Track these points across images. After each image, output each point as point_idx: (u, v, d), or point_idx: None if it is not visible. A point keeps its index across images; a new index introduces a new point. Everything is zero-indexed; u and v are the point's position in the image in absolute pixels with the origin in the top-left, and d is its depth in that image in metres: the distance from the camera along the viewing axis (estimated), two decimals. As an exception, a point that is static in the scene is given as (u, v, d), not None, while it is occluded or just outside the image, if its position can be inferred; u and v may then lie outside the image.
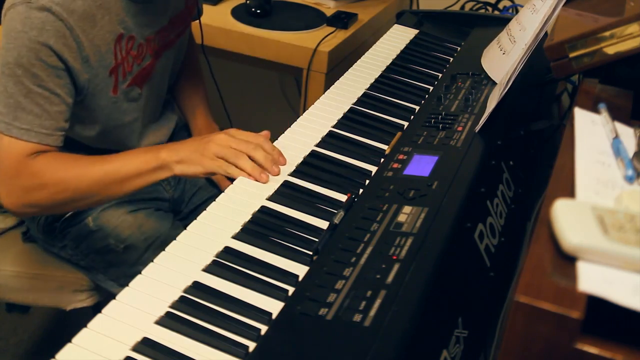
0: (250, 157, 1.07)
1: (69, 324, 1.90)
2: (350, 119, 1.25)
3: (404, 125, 1.24)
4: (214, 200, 1.01)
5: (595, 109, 0.82)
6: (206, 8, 1.84)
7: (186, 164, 1.08)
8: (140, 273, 0.87)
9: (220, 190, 1.38)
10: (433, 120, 1.20)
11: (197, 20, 1.47)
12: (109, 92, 1.18)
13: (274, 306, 0.83)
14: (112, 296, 0.83)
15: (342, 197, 1.03)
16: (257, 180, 1.05)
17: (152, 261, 0.89)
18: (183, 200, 1.44)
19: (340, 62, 1.74)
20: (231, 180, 1.07)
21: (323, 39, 1.70)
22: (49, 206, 1.13)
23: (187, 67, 1.51)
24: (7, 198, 1.11)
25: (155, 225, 1.30)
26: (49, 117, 1.07)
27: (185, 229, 0.95)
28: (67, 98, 1.09)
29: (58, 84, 1.07)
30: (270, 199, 1.02)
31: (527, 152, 1.24)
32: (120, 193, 1.14)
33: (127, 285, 0.85)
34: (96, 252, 1.29)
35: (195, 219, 0.97)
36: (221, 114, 1.65)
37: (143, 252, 1.27)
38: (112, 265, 1.29)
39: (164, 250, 0.91)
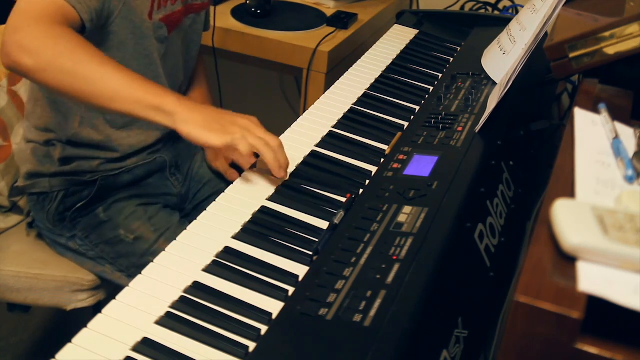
0: (262, 155, 1.03)
1: (69, 324, 1.90)
2: (350, 119, 1.25)
3: (404, 126, 1.24)
4: (215, 199, 1.01)
5: (595, 109, 0.82)
6: (206, 8, 1.84)
7: (200, 128, 1.01)
8: (149, 263, 0.87)
9: (225, 185, 1.38)
10: (433, 121, 1.20)
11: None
12: (144, 14, 1.19)
13: (274, 306, 0.83)
14: (112, 296, 0.83)
15: (342, 197, 1.03)
16: (273, 172, 1.03)
17: (162, 252, 0.89)
18: (188, 198, 1.45)
19: (340, 62, 1.74)
20: (239, 171, 1.05)
21: (323, 39, 1.70)
22: (42, 67, 1.03)
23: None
24: (10, 31, 1.03)
25: (165, 217, 1.31)
26: None
27: (186, 228, 0.96)
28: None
29: None
30: (270, 199, 1.02)
31: (527, 152, 1.24)
32: (112, 108, 1.05)
33: (135, 276, 0.85)
34: (106, 243, 1.30)
35: (199, 213, 0.98)
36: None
37: (153, 243, 1.28)
38: (121, 256, 1.30)
39: (171, 241, 0.91)
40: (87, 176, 1.29)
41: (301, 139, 1.18)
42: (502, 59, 1.32)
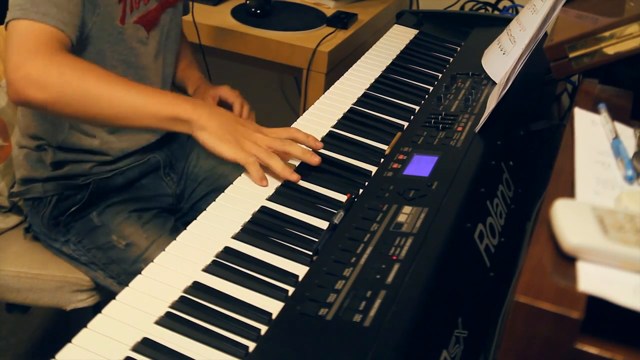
0: (287, 153, 1.07)
1: (69, 324, 1.90)
2: (350, 119, 1.25)
3: (404, 126, 1.24)
4: (213, 199, 1.01)
5: (595, 109, 0.82)
6: (206, 8, 1.84)
7: (215, 138, 1.05)
8: (140, 271, 0.87)
9: (221, 182, 1.41)
10: (433, 121, 1.20)
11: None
12: (115, 20, 1.19)
13: (274, 306, 0.83)
14: (112, 296, 0.83)
15: (342, 197, 1.03)
16: (287, 179, 1.05)
17: (152, 260, 0.89)
18: (184, 197, 1.45)
19: (340, 62, 1.74)
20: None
21: (323, 39, 1.70)
22: (53, 99, 1.04)
23: None
24: (14, 71, 1.03)
25: (158, 224, 1.31)
26: (67, 11, 1.06)
27: (185, 228, 0.96)
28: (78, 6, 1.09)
29: None
30: (270, 199, 1.02)
31: (527, 152, 1.24)
32: (130, 125, 1.10)
33: (126, 283, 0.85)
34: (98, 248, 1.30)
35: (197, 213, 0.98)
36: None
37: (144, 250, 1.27)
38: (112, 262, 1.30)
39: (163, 248, 0.91)
40: (80, 179, 1.29)
41: (301, 139, 1.18)
42: (502, 59, 1.32)
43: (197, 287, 0.85)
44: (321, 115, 1.26)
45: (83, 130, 1.27)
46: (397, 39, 1.61)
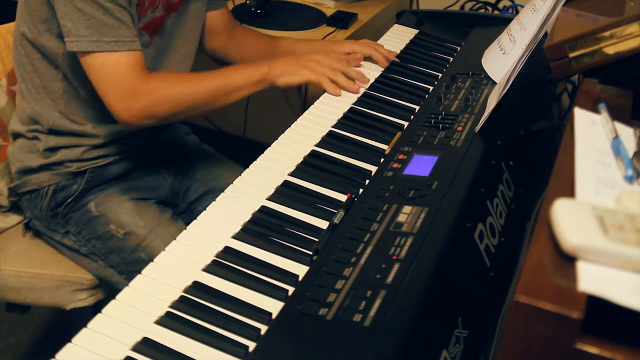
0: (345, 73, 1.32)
1: (69, 324, 1.90)
2: (350, 119, 1.25)
3: (404, 125, 1.24)
4: (209, 200, 1.02)
5: (595, 109, 0.82)
6: (206, 8, 1.84)
7: (287, 75, 1.26)
8: (139, 260, 0.87)
9: (216, 188, 1.43)
10: (433, 120, 1.20)
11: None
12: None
13: (274, 306, 0.83)
14: (112, 296, 0.83)
15: (342, 197, 1.03)
16: (349, 91, 1.31)
17: (151, 249, 0.89)
18: (179, 195, 1.46)
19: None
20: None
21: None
22: (165, 117, 1.24)
23: (238, 30, 1.56)
24: (126, 113, 1.19)
25: (156, 213, 1.32)
26: (126, 27, 1.17)
27: (184, 222, 0.96)
28: (129, 8, 1.19)
29: None
30: (270, 198, 1.02)
31: (527, 152, 1.24)
32: (227, 103, 1.26)
33: (126, 273, 0.85)
34: (97, 238, 1.31)
35: (193, 214, 0.98)
36: (222, 114, 1.65)
37: (143, 239, 1.28)
38: (112, 252, 1.31)
39: (161, 237, 0.91)
40: (74, 166, 1.31)
41: (301, 138, 1.18)
42: (502, 59, 1.32)
43: (197, 287, 0.85)
44: (321, 115, 1.26)
45: (72, 120, 1.30)
46: (397, 38, 1.61)
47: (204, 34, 1.48)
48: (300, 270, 0.89)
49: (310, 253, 0.91)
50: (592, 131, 0.78)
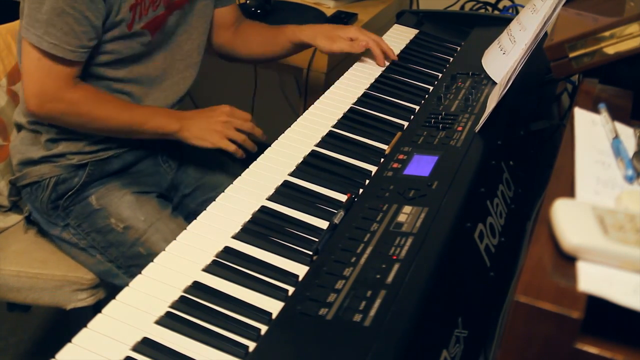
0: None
1: (69, 324, 1.90)
2: (350, 119, 1.25)
3: (404, 125, 1.24)
4: (201, 196, 1.02)
5: (595, 109, 0.82)
6: (206, 8, 1.84)
7: (198, 139, 1.28)
8: (138, 254, 0.87)
9: (209, 184, 1.46)
10: (433, 120, 1.20)
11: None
12: (125, 27, 1.24)
13: (274, 306, 0.83)
14: (112, 296, 0.83)
15: (342, 197, 1.03)
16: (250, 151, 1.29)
17: (150, 243, 0.89)
18: (174, 187, 1.47)
19: (340, 62, 1.74)
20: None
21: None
22: (71, 126, 1.28)
23: (246, 25, 1.56)
24: (36, 107, 1.23)
25: (156, 208, 1.33)
26: (75, 36, 1.18)
27: (183, 218, 0.96)
28: (94, 20, 1.19)
29: (89, 7, 1.18)
30: (270, 199, 1.02)
31: (527, 152, 1.24)
32: (133, 137, 1.32)
33: (125, 267, 0.85)
34: (97, 232, 1.32)
35: (185, 209, 0.98)
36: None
37: (142, 233, 1.29)
38: (111, 245, 1.31)
39: (161, 232, 0.91)
40: (75, 159, 1.31)
41: (301, 138, 1.18)
42: (502, 59, 1.32)
43: (197, 287, 0.85)
44: (321, 115, 1.26)
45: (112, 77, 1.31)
46: (397, 38, 1.61)
47: (212, 30, 1.48)
48: (300, 270, 0.89)
49: (310, 253, 0.91)
50: (592, 131, 0.78)
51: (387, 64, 1.47)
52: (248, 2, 1.82)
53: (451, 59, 1.52)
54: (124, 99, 1.31)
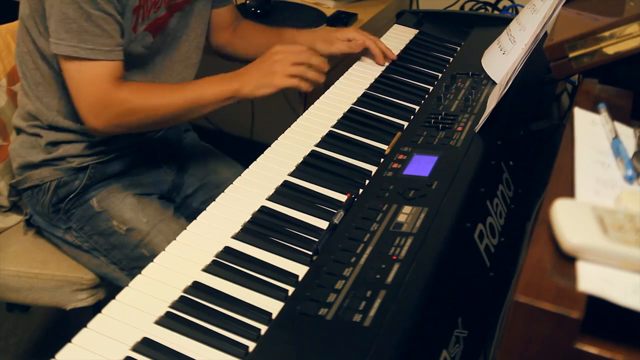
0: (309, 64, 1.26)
1: (69, 324, 1.90)
2: (350, 119, 1.25)
3: (404, 125, 1.24)
4: (203, 196, 1.02)
5: (595, 109, 0.82)
6: (206, 8, 1.84)
7: (260, 87, 1.23)
8: (141, 256, 0.87)
9: (211, 183, 1.45)
10: (433, 120, 1.20)
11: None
12: (130, 29, 1.24)
13: (274, 306, 0.83)
14: (112, 296, 0.83)
15: (342, 197, 1.03)
16: (317, 82, 1.26)
17: (153, 245, 0.89)
18: (175, 188, 1.46)
19: (340, 62, 1.74)
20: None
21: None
22: (135, 127, 1.26)
23: (242, 25, 1.56)
24: (95, 120, 1.20)
25: (158, 209, 1.32)
26: (108, 36, 1.17)
27: (185, 219, 0.96)
28: (118, 17, 1.19)
29: (110, 6, 1.17)
30: (270, 199, 1.02)
31: (527, 152, 1.24)
32: (198, 115, 1.27)
33: (128, 269, 0.85)
34: (99, 234, 1.32)
35: (188, 209, 0.98)
36: (221, 113, 1.65)
37: (145, 235, 1.29)
38: (114, 248, 1.31)
39: (164, 233, 0.91)
40: (76, 162, 1.31)
41: (301, 138, 1.18)
42: (502, 59, 1.32)
43: (197, 287, 0.85)
44: (321, 115, 1.26)
45: (73, 118, 1.30)
46: (397, 38, 1.61)
47: (210, 31, 1.49)
48: (300, 270, 0.89)
49: (310, 253, 0.91)
50: (592, 131, 0.78)
51: (387, 63, 1.47)
52: (248, 2, 1.81)
53: (451, 59, 1.52)
54: None
